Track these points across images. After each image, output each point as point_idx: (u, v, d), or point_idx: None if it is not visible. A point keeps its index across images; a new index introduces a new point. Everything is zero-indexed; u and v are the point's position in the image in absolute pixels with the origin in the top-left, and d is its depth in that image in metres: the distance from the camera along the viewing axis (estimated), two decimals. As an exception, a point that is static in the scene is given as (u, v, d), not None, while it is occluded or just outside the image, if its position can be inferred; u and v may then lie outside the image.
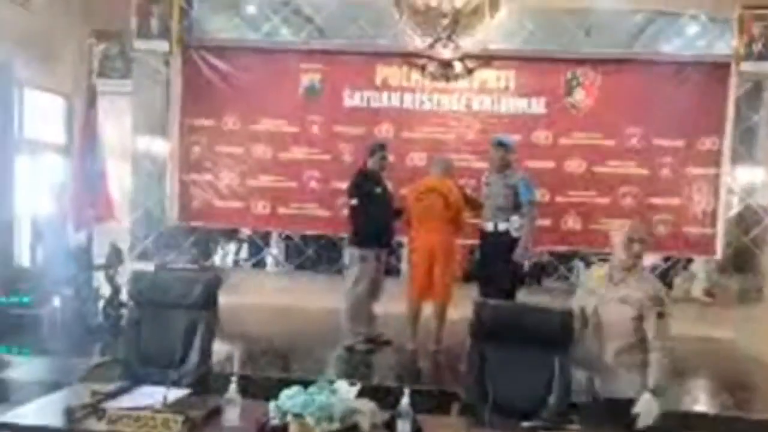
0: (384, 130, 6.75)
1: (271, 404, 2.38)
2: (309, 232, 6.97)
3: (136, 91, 6.85)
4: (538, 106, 6.68)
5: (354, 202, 5.34)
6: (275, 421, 2.34)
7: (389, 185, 5.62)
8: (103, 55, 6.83)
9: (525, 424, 2.63)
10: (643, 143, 6.62)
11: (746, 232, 6.55)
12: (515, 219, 5.31)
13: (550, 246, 6.69)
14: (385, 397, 2.79)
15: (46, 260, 6.30)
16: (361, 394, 2.60)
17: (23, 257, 6.42)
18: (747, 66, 6.43)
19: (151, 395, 2.58)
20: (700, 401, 4.92)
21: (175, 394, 2.62)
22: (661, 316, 2.95)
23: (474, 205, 5.67)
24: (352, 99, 6.82)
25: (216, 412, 2.47)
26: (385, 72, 6.78)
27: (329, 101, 6.83)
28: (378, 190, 5.36)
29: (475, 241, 5.74)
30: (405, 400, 2.46)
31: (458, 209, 5.38)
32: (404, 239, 5.93)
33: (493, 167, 5.50)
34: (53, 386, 3.27)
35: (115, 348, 3.50)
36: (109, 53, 6.88)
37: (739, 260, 6.58)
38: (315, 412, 2.28)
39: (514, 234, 5.32)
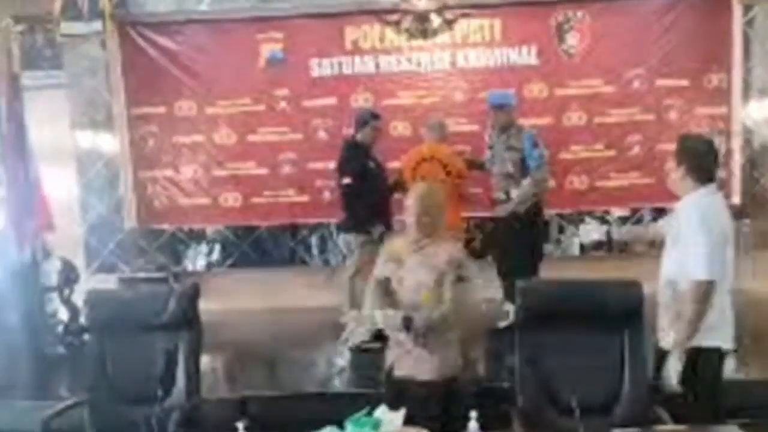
0: (361, 100, 6.02)
1: None
2: (287, 222, 6.21)
3: (70, 81, 5.98)
4: (529, 56, 6.00)
5: (347, 180, 4.66)
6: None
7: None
8: (27, 45, 5.89)
9: (616, 431, 2.21)
10: (645, 86, 6.01)
11: (765, 172, 6.01)
12: (527, 183, 4.66)
13: (557, 208, 6.06)
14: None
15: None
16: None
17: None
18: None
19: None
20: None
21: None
22: (460, 279, 2.76)
23: (477, 167, 5.05)
24: (321, 67, 6.05)
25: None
26: (354, 33, 6.01)
27: (295, 73, 6.05)
28: (372, 164, 4.71)
29: (481, 213, 5.11)
30: (473, 425, 2.05)
31: (460, 177, 4.72)
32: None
33: (495, 128, 4.84)
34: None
35: (82, 384, 2.90)
36: (34, 42, 5.95)
37: (757, 203, 6.05)
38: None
39: (529, 202, 4.69)
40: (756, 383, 3.74)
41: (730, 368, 4.18)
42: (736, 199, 6.04)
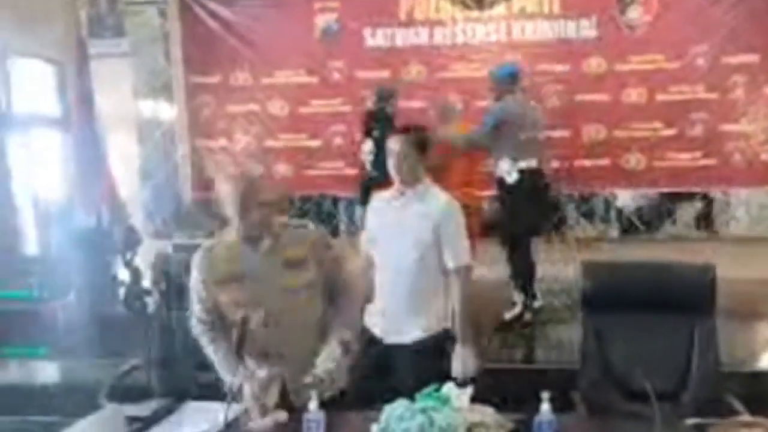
0: (414, 72, 5.97)
1: (374, 430, 1.79)
2: (339, 194, 6.27)
3: (132, 49, 6.14)
4: (588, 28, 5.80)
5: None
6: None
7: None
8: (93, 13, 6.07)
9: (690, 421, 2.05)
10: (710, 62, 5.73)
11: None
12: (503, 163, 4.62)
13: (610, 188, 5.95)
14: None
15: (55, 248, 5.67)
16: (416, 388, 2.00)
17: (28, 246, 5.79)
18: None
19: (204, 415, 2.02)
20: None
21: (237, 410, 2.01)
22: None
23: None
24: (375, 38, 6.02)
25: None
26: (409, 3, 5.93)
27: (349, 43, 6.04)
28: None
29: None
30: (545, 407, 1.88)
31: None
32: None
33: None
34: (76, 394, 2.90)
35: (145, 346, 2.98)
36: (98, 10, 6.12)
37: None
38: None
39: (509, 180, 4.62)
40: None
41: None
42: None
